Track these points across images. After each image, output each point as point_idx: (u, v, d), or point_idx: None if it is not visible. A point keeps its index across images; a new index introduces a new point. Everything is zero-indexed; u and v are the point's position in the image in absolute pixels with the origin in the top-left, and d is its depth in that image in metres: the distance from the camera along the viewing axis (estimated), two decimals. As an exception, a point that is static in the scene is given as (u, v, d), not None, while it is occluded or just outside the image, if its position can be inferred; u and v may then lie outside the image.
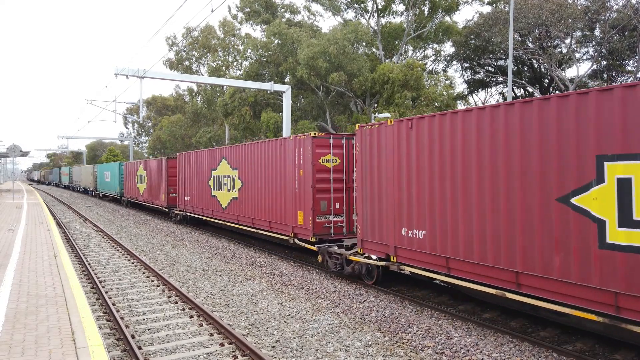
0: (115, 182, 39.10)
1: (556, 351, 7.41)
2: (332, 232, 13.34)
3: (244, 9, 42.26)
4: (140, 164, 31.91)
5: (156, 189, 28.01)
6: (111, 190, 41.06)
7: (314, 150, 13.09)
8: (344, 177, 13.50)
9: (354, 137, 12.70)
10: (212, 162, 20.49)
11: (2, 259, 11.60)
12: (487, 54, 34.91)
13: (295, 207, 13.88)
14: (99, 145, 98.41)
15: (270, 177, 15.39)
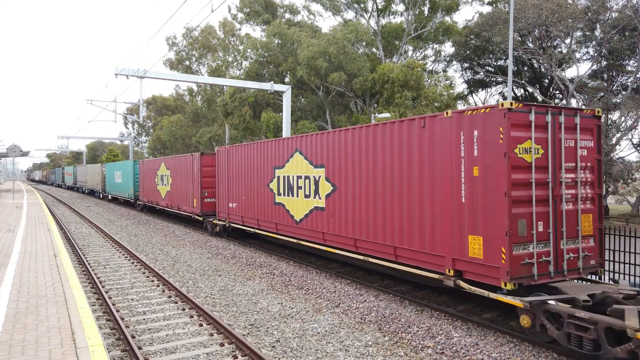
0: (128, 183, 34.66)
1: (556, 351, 7.41)
2: (536, 272, 7.96)
3: (243, 9, 42.28)
4: (162, 162, 27.46)
5: (184, 192, 23.45)
6: (123, 192, 36.65)
7: (508, 132, 7.76)
8: (549, 179, 8.18)
9: (563, 111, 8.40)
10: (276, 157, 15.36)
11: (2, 258, 11.60)
12: (487, 54, 34.92)
13: (460, 229, 8.60)
14: (99, 145, 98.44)
15: (395, 179, 10.15)
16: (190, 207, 22.74)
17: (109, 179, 42.02)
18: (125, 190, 35.66)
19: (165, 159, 27.14)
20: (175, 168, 24.91)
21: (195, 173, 22.03)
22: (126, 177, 35.29)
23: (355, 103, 35.56)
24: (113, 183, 40.17)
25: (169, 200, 25.98)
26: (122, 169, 36.78)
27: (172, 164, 25.63)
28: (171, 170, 25.59)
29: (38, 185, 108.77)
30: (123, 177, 36.39)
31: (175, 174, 24.98)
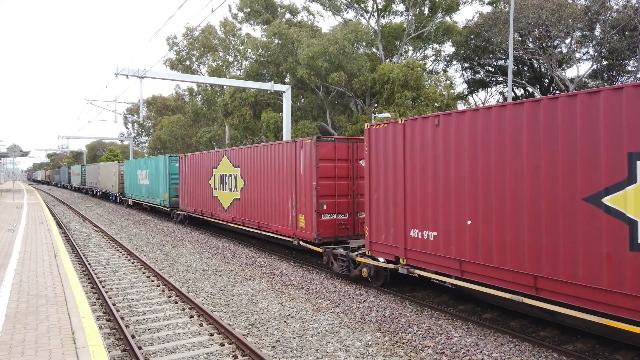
0: (160, 185, 26.60)
1: (556, 351, 7.41)
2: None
3: (244, 9, 42.29)
4: (225, 155, 19.36)
5: (274, 201, 15.47)
6: (151, 197, 28.27)
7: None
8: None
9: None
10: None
11: (2, 258, 11.61)
12: (487, 54, 34.92)
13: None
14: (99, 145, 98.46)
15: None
16: (289, 226, 14.52)
17: (129, 179, 34.29)
18: (156, 194, 27.35)
19: (230, 151, 18.96)
20: (254, 164, 16.91)
21: (304, 172, 13.76)
22: (156, 177, 27.24)
23: (356, 103, 35.56)
24: (136, 185, 32.31)
25: (239, 213, 18.04)
26: (150, 166, 28.65)
27: (246, 157, 17.48)
28: (244, 168, 17.66)
29: (40, 186, 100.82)
30: (152, 178, 28.24)
31: (253, 172, 16.99)
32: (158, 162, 27.37)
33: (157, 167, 27.39)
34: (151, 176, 28.60)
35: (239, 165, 18.04)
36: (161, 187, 26.58)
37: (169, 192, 25.27)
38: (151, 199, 28.74)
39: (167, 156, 25.83)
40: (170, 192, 25.07)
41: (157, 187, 27.39)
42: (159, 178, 27.06)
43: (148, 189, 29.31)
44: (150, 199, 28.82)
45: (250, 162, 17.18)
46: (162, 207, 26.60)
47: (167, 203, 25.66)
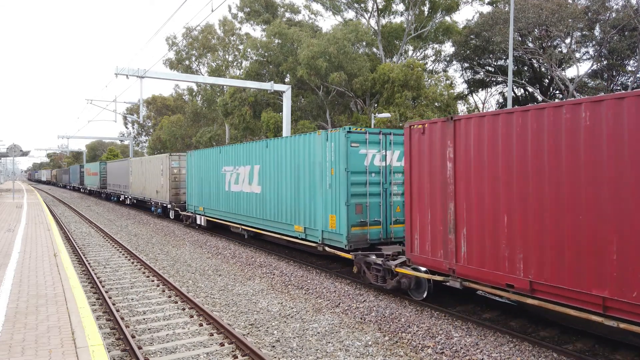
0: (310, 194, 12.97)
1: (556, 351, 7.41)
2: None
3: (244, 9, 42.30)
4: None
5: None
6: (271, 218, 15.13)
7: None
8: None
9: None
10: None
11: (2, 258, 11.61)
12: (487, 53, 34.92)
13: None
14: (99, 145, 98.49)
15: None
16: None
17: (197, 182, 21.42)
18: (289, 214, 14.11)
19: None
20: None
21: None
22: (295, 176, 13.75)
23: (356, 103, 35.56)
24: (218, 193, 19.09)
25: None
26: (275, 155, 14.81)
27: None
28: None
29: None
30: (277, 178, 14.69)
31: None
32: (305, 144, 13.16)
33: (299, 156, 13.39)
34: (274, 175, 14.70)
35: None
36: (313, 199, 12.81)
37: (345, 211, 11.57)
38: (269, 224, 15.10)
39: (341, 130, 11.64)
40: (350, 212, 11.58)
41: (293, 200, 13.73)
42: (304, 179, 13.18)
43: (259, 203, 15.71)
44: (268, 223, 15.18)
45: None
46: (317, 244, 12.70)
47: (341, 238, 11.69)
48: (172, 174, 25.13)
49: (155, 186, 27.40)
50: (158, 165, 26.89)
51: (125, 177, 35.44)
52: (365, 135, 11.89)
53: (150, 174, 28.55)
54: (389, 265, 10.26)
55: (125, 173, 35.41)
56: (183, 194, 24.71)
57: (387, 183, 12.19)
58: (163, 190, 26.05)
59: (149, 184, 28.75)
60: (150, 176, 28.37)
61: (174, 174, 25.16)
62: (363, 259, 11.12)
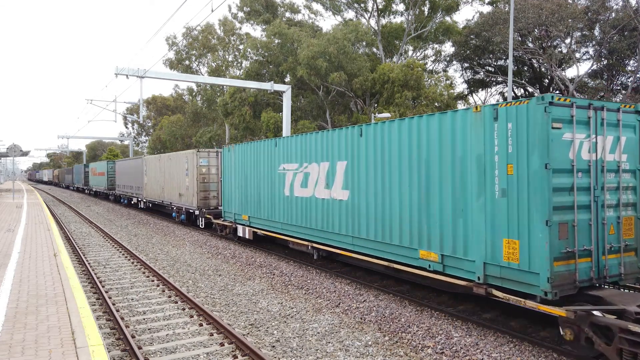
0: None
1: (556, 351, 7.41)
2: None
3: (244, 8, 42.30)
4: None
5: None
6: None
7: None
8: None
9: None
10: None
11: (2, 258, 11.60)
12: (487, 53, 34.92)
13: None
14: (99, 145, 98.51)
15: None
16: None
17: (241, 183, 17.19)
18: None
19: None
20: None
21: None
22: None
23: (356, 103, 35.57)
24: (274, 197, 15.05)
25: None
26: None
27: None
28: None
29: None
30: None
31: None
32: (442, 128, 9.01)
33: (428, 146, 9.33)
34: (376, 175, 10.74)
35: None
36: (463, 212, 8.61)
37: (542, 234, 7.27)
38: (365, 244, 11.13)
39: (535, 101, 7.37)
40: (553, 236, 7.24)
41: (416, 212, 9.63)
42: (442, 181, 9.04)
43: (345, 214, 11.77)
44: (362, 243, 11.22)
45: None
46: (472, 283, 8.48)
47: (533, 278, 7.40)
48: (201, 174, 21.24)
49: (178, 188, 23.61)
50: (181, 163, 23.10)
51: (137, 177, 31.56)
52: (571, 110, 7.42)
53: (170, 173, 24.78)
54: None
55: (138, 173, 31.51)
56: (213, 197, 21.44)
57: (598, 188, 7.68)
58: (188, 193, 22.21)
59: (169, 186, 24.96)
60: (171, 176, 24.66)
61: (203, 174, 21.32)
62: (590, 320, 6.75)
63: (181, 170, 23.15)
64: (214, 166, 21.50)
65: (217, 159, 21.43)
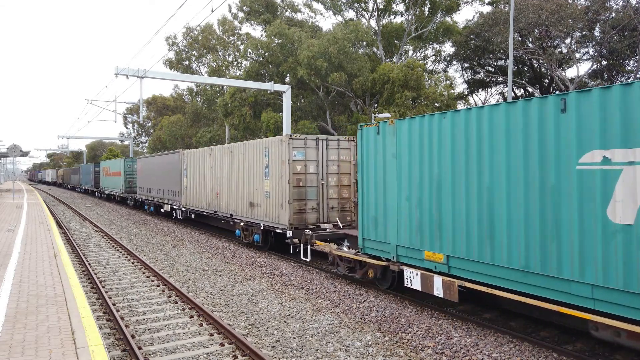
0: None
1: (556, 351, 7.41)
2: None
3: (243, 8, 42.32)
4: None
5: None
6: None
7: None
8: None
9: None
10: None
11: (2, 258, 11.61)
12: (487, 54, 34.93)
13: None
14: (99, 145, 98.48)
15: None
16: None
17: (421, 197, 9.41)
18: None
19: None
20: None
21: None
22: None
23: (356, 103, 35.58)
24: None
25: None
26: None
27: None
28: None
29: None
30: None
31: None
32: None
33: None
34: None
35: None
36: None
37: None
38: None
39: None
40: None
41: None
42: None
43: None
44: None
45: None
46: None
47: None
48: (295, 174, 14.44)
49: (249, 195, 16.74)
50: (256, 157, 16.24)
51: (172, 178, 24.92)
52: None
53: (233, 173, 18.06)
54: None
55: (172, 172, 24.81)
56: (312, 210, 14.68)
57: None
58: (270, 204, 15.38)
59: (231, 191, 18.24)
60: (234, 177, 17.98)
61: (297, 174, 14.50)
62: None
63: (255, 168, 16.33)
64: (313, 161, 14.68)
65: (317, 150, 14.66)
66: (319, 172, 14.77)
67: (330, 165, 14.90)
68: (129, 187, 35.44)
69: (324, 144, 14.81)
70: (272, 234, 16.03)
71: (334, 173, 15.02)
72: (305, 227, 14.34)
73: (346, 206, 15.21)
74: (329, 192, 14.88)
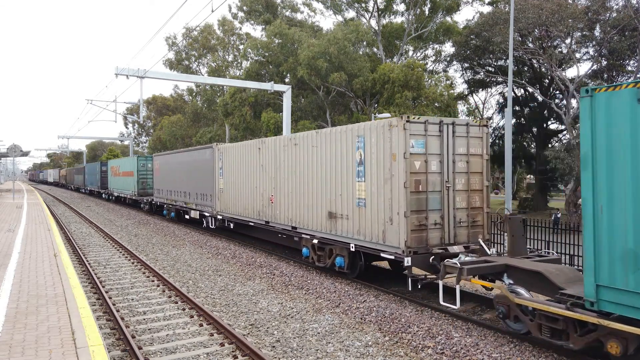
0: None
1: (556, 351, 7.41)
2: None
3: (243, 8, 42.34)
4: None
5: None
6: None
7: None
8: None
9: None
10: None
11: (2, 258, 11.61)
12: (488, 54, 34.90)
13: None
14: (99, 145, 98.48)
15: None
16: None
17: None
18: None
19: None
20: None
21: None
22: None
23: (356, 103, 35.58)
24: None
25: None
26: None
27: None
28: None
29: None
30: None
31: None
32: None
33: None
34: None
35: None
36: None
37: None
38: None
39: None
40: None
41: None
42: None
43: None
44: None
45: None
46: None
47: None
48: (412, 173, 10.10)
49: (329, 202, 12.33)
50: (340, 150, 11.86)
51: (202, 178, 20.93)
52: None
53: (299, 172, 13.60)
54: None
55: (201, 171, 21.01)
56: (435, 226, 10.42)
57: None
58: (367, 216, 11.03)
59: (295, 196, 13.87)
60: (301, 178, 13.51)
61: (415, 173, 10.19)
62: None
63: (339, 166, 11.93)
64: (436, 155, 10.40)
65: (440, 140, 10.41)
66: (443, 171, 10.53)
67: (458, 161, 10.69)
68: (143, 188, 31.55)
69: (449, 129, 10.58)
70: (361, 256, 11.72)
71: (462, 172, 10.78)
72: (427, 251, 10.13)
73: (477, 220, 10.95)
74: (456, 199, 10.68)
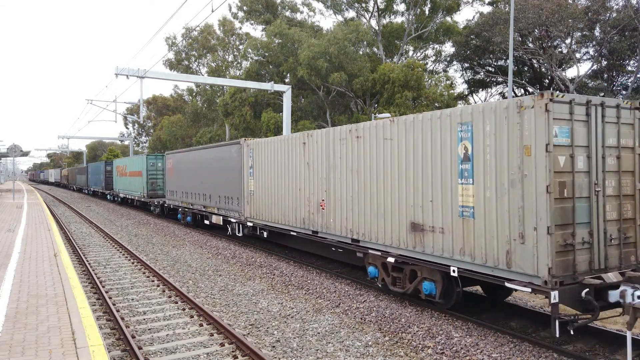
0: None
1: (556, 351, 7.41)
2: None
3: (243, 8, 42.35)
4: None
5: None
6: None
7: None
8: None
9: None
10: None
11: (2, 259, 11.61)
12: (488, 54, 34.91)
13: None
14: (99, 145, 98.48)
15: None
16: None
17: None
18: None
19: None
20: None
21: None
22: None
23: (356, 103, 35.59)
24: None
25: None
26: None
27: None
28: None
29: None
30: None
31: None
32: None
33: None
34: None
35: None
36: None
37: None
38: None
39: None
40: None
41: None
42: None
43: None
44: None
45: None
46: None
47: None
48: (556, 172, 7.10)
49: (413, 209, 9.38)
50: (430, 142, 8.93)
51: (227, 179, 18.31)
52: None
53: (362, 172, 10.87)
54: None
55: (227, 171, 18.36)
56: (582, 244, 7.36)
57: None
58: (477, 230, 8.05)
59: (357, 200, 11.06)
60: (367, 179, 10.72)
61: (560, 172, 7.16)
62: None
63: (428, 163, 9.04)
64: (583, 148, 7.49)
65: (587, 127, 7.49)
66: (591, 170, 7.56)
67: (607, 156, 7.73)
68: (152, 189, 29.16)
69: (597, 112, 7.63)
70: (458, 281, 8.88)
71: (612, 171, 7.80)
72: (575, 281, 7.17)
73: (629, 235, 7.95)
74: (606, 207, 7.70)
